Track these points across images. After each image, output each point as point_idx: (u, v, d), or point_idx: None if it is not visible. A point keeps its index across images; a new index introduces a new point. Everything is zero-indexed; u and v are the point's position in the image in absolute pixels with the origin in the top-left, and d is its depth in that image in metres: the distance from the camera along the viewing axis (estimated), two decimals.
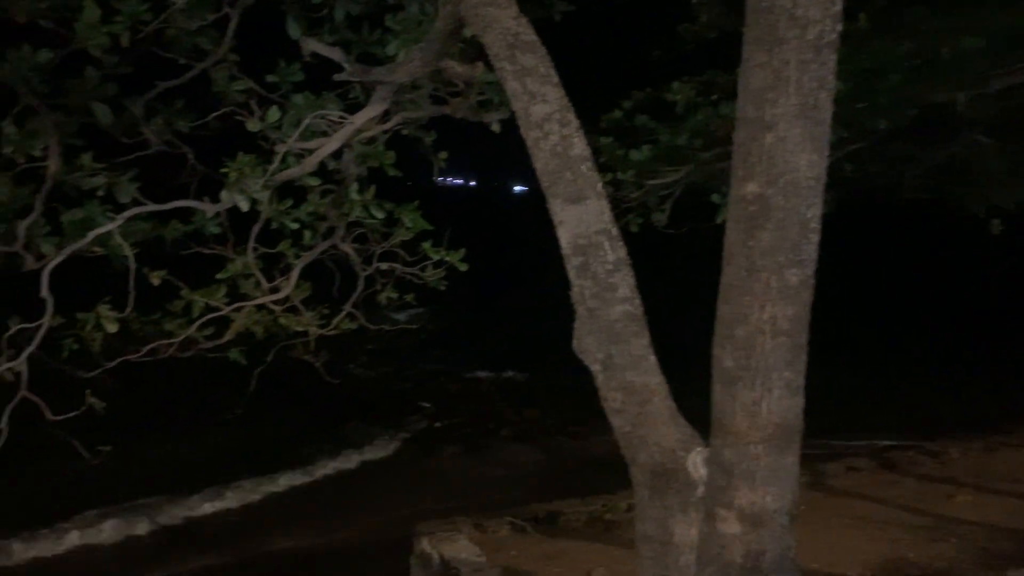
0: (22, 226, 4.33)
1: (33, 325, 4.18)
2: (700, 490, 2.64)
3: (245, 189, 4.01)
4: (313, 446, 12.06)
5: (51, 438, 4.40)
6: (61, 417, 4.19)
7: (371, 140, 5.03)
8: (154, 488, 10.51)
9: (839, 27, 2.23)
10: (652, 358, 2.82)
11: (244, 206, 4.09)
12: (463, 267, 5.59)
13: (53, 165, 4.38)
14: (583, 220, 2.80)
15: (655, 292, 3.49)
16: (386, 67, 3.92)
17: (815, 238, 2.31)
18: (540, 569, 6.73)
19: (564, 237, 2.82)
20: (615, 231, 2.85)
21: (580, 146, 2.90)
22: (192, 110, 4.88)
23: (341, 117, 4.36)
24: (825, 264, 2.42)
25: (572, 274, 2.81)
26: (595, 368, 2.81)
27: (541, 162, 2.87)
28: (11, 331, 4.23)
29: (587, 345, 2.79)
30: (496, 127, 4.79)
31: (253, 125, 4.33)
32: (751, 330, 2.33)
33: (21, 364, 4.18)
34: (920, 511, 7.55)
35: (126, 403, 4.87)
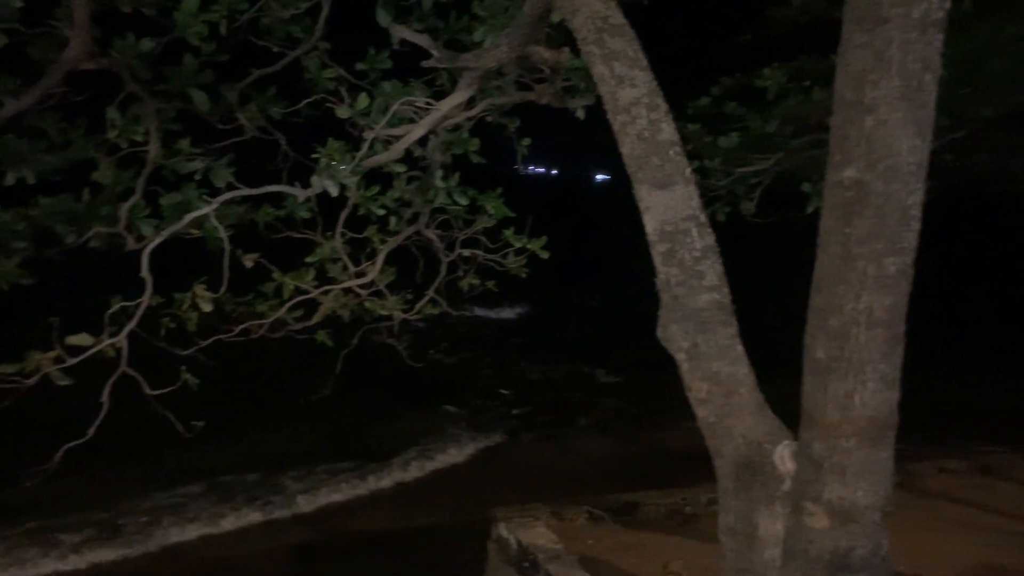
0: (124, 208, 4.52)
1: (133, 304, 4.37)
2: (787, 484, 2.57)
3: (334, 175, 4.09)
4: (394, 429, 12.27)
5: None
6: (158, 392, 4.36)
7: (456, 127, 5.08)
8: (246, 466, 10.91)
9: (947, 5, 2.13)
10: (739, 347, 2.76)
11: (333, 191, 4.17)
12: (544, 255, 5.59)
13: (153, 150, 4.55)
14: (670, 206, 2.75)
15: (742, 282, 3.41)
16: (473, 53, 3.93)
17: (916, 226, 2.21)
18: (617, 559, 6.70)
19: (650, 223, 2.78)
20: (703, 218, 2.79)
21: (668, 131, 2.85)
22: (284, 97, 5.01)
23: (427, 104, 4.40)
24: (926, 256, 2.33)
25: (658, 261, 2.77)
26: (680, 357, 2.77)
27: (628, 147, 2.83)
28: (113, 309, 4.43)
29: (672, 333, 2.75)
30: (581, 113, 4.75)
31: (343, 112, 4.41)
32: (845, 320, 2.25)
33: (122, 341, 4.37)
34: (1017, 517, 7.20)
35: (219, 381, 5.03)
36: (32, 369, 4.25)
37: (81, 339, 4.33)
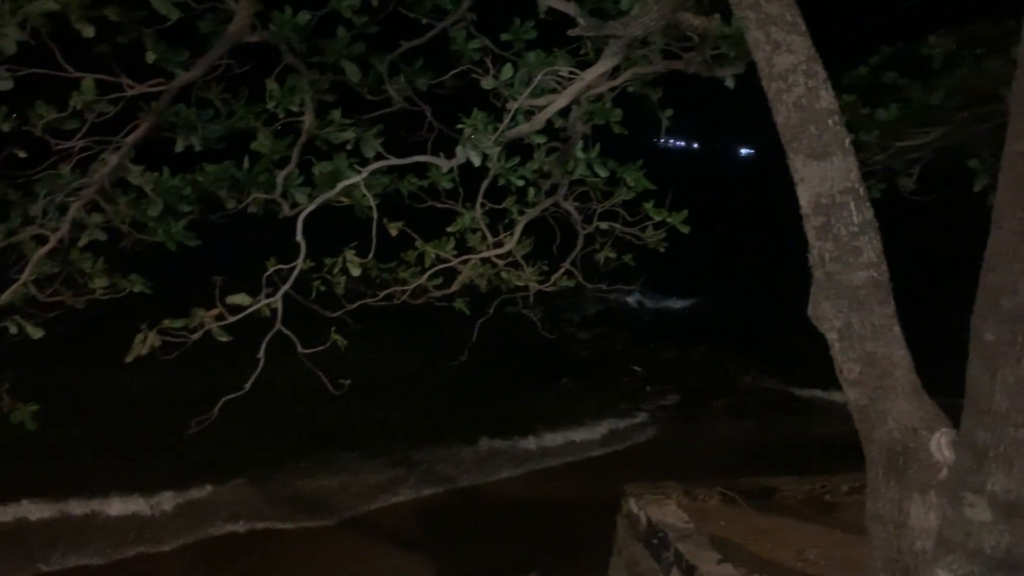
0: (280, 176, 4.75)
1: (288, 267, 4.60)
2: (943, 473, 2.42)
3: (477, 145, 4.14)
4: (526, 399, 12.40)
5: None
6: (310, 351, 4.58)
7: (598, 98, 5.02)
8: (389, 428, 11.36)
9: None
10: (896, 328, 2.61)
11: (476, 161, 4.22)
12: (685, 229, 5.48)
13: (308, 120, 4.75)
14: (827, 178, 2.62)
15: (899, 261, 3.22)
16: (620, 21, 3.86)
17: None
18: (750, 543, 6.54)
19: (804, 196, 2.65)
20: (862, 191, 2.65)
21: (827, 99, 2.71)
22: (431, 69, 5.10)
23: (571, 74, 4.37)
24: None
25: (811, 235, 2.65)
26: (831, 336, 2.65)
27: (783, 116, 2.71)
28: (269, 271, 4.68)
29: (824, 311, 2.63)
30: (730, 82, 4.60)
31: (488, 83, 4.45)
32: (1020, 301, 2.08)
33: (277, 301, 4.62)
34: None
35: (363, 343, 5.24)
36: (196, 325, 4.57)
37: (240, 298, 4.60)
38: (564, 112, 4.81)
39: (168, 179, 4.60)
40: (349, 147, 4.76)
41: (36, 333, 4.49)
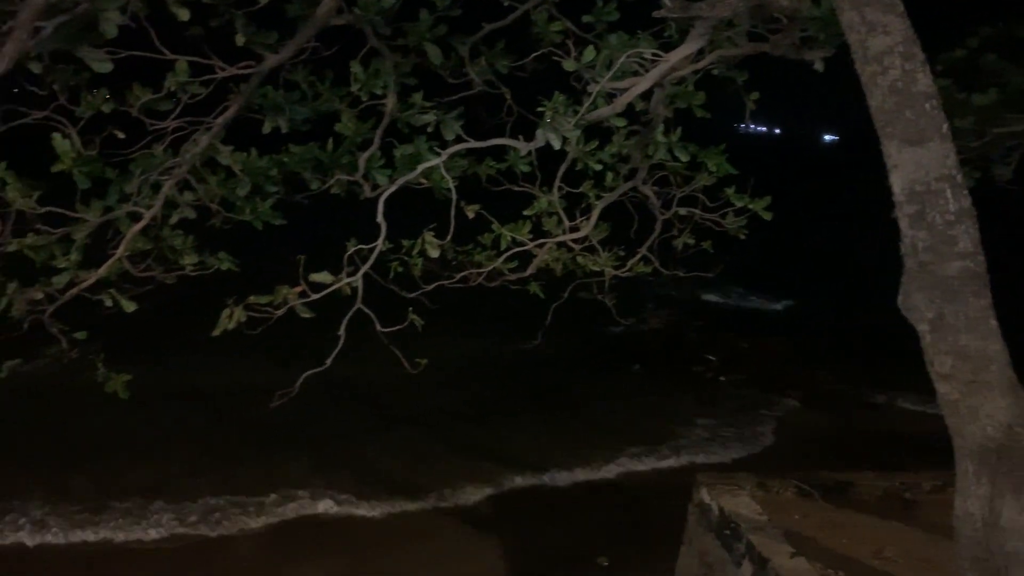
0: (362, 158, 4.83)
1: (368, 247, 4.69)
2: None
3: (557, 128, 4.12)
4: (597, 384, 12.36)
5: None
6: (388, 330, 4.67)
7: (681, 80, 4.94)
8: (464, 410, 11.49)
9: None
10: (992, 322, 2.51)
11: (556, 144, 4.21)
12: (767, 216, 5.36)
13: (390, 103, 4.82)
14: (922, 164, 2.53)
15: (996, 252, 3.08)
16: (707, 2, 3.79)
17: None
18: (825, 538, 6.39)
19: (898, 183, 2.57)
20: (960, 178, 2.54)
21: (925, 82, 2.61)
22: (511, 51, 5.10)
23: (654, 56, 4.31)
24: None
25: (904, 224, 2.56)
26: (922, 328, 2.56)
27: (877, 99, 2.62)
28: (350, 251, 4.77)
29: (915, 302, 2.55)
30: (819, 65, 4.46)
31: (569, 65, 4.42)
32: None
33: (357, 281, 4.71)
34: None
35: (439, 324, 5.29)
36: (280, 302, 4.70)
37: (323, 277, 4.72)
38: (645, 95, 4.75)
39: (256, 160, 4.73)
40: (430, 130, 4.80)
41: (129, 306, 4.68)
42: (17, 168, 4.25)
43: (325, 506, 9.32)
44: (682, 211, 5.57)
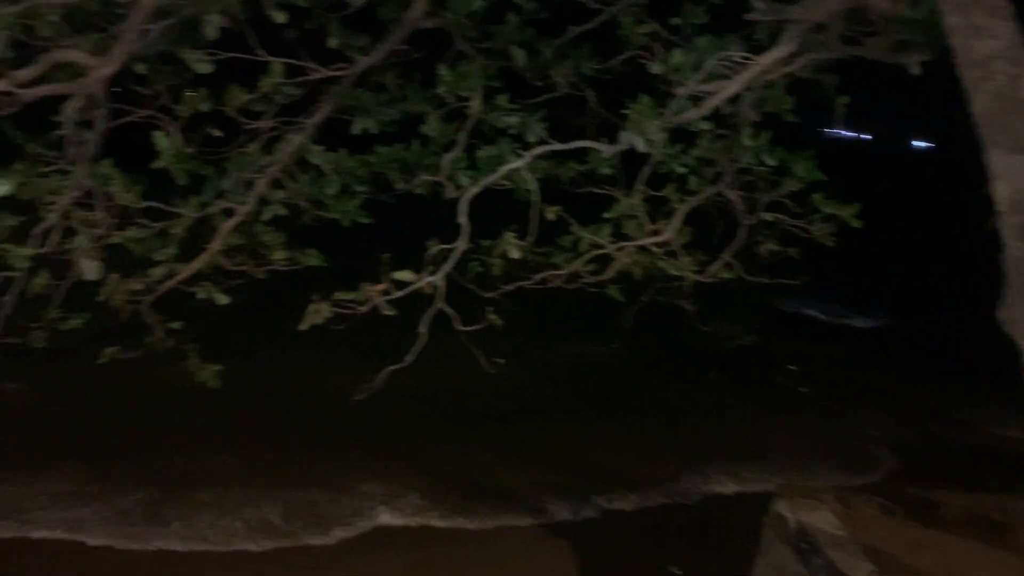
0: (446, 159, 4.90)
1: (450, 247, 4.76)
2: None
3: (643, 131, 4.10)
4: (671, 391, 12.21)
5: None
6: (468, 328, 4.73)
7: (769, 83, 4.85)
8: (530, 407, 11.44)
9: None
10: None
11: (641, 147, 4.19)
12: (856, 223, 5.22)
13: (475, 105, 4.87)
14: None
15: None
16: (801, 5, 3.72)
17: None
18: (907, 556, 6.18)
19: (1003, 192, 2.47)
20: None
21: None
22: (596, 54, 5.10)
23: (744, 59, 4.25)
24: None
25: (1008, 234, 2.46)
26: (1023, 344, 2.46)
27: (981, 105, 2.53)
28: (432, 250, 4.86)
29: (1017, 316, 2.45)
30: (916, 69, 4.31)
31: (656, 67, 4.39)
32: None
33: (439, 280, 4.79)
34: None
35: (517, 324, 5.33)
36: (364, 299, 4.81)
37: (405, 275, 4.81)
38: (733, 98, 4.68)
39: (345, 159, 4.86)
40: (514, 131, 4.83)
41: (222, 299, 4.86)
42: (120, 164, 4.47)
43: (398, 517, 8.91)
44: (767, 216, 5.47)
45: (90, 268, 3.80)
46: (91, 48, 3.46)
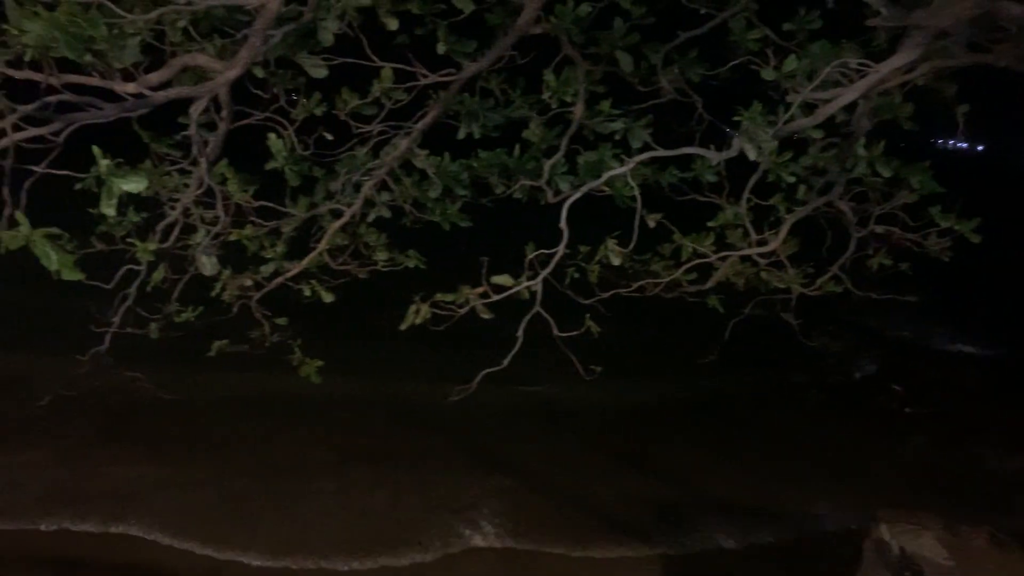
0: (547, 164, 4.90)
1: (550, 252, 4.75)
2: None
3: (755, 138, 4.00)
4: (769, 408, 11.86)
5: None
6: (565, 335, 4.71)
7: (886, 91, 4.67)
8: (622, 415, 11.25)
9: None
10: None
11: (753, 155, 4.09)
12: (975, 239, 4.98)
13: (578, 110, 4.86)
14: None
15: None
16: (927, 10, 3.55)
17: None
18: None
19: None
20: None
21: None
22: (704, 59, 5.01)
23: (861, 66, 4.09)
24: None
25: None
26: None
27: None
28: (531, 255, 4.86)
29: None
30: None
31: (768, 74, 4.29)
32: None
33: (537, 284, 4.79)
34: None
35: (615, 332, 5.28)
36: (462, 301, 4.86)
37: (504, 279, 4.83)
38: (847, 106, 4.53)
39: (448, 163, 4.92)
40: (617, 137, 4.80)
41: (328, 297, 5.00)
42: (234, 165, 4.65)
43: (491, 538, 8.31)
44: (879, 229, 5.26)
45: (208, 264, 3.95)
46: (215, 53, 3.61)
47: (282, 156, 4.45)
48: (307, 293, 5.14)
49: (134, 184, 2.51)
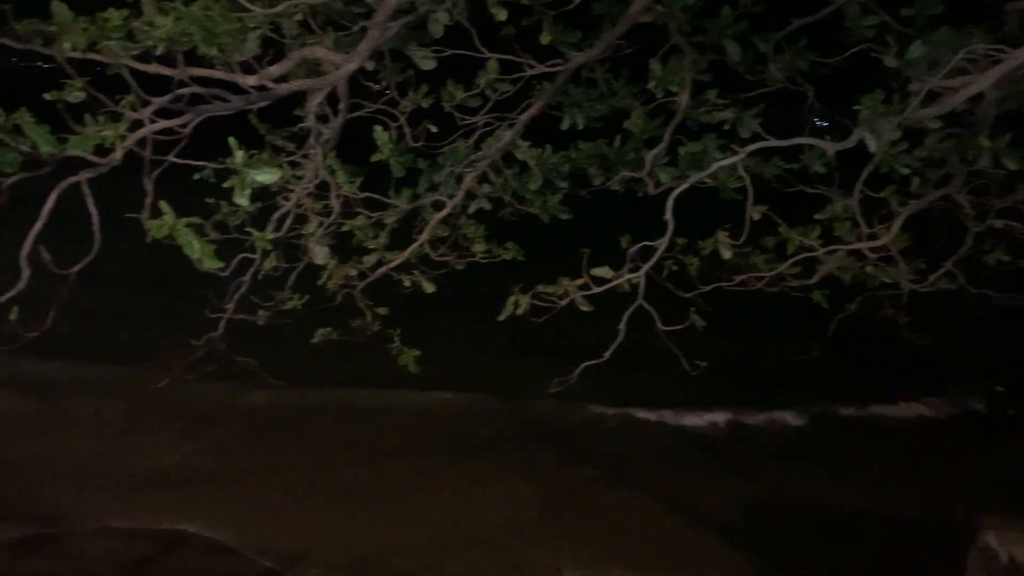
0: (650, 155, 4.82)
1: (654, 244, 4.68)
2: None
3: (876, 128, 3.85)
4: (874, 407, 11.43)
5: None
6: (669, 328, 4.64)
7: (1015, 79, 4.43)
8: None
9: None
10: None
11: (873, 147, 3.94)
12: None
13: (683, 100, 4.76)
14: None
15: None
16: None
17: None
18: None
19: None
20: None
21: None
22: (814, 47, 4.85)
23: (990, 53, 3.89)
24: None
25: None
26: None
27: None
28: (633, 248, 4.80)
29: None
30: None
31: (891, 61, 4.11)
32: None
33: (639, 277, 4.73)
34: None
35: (716, 326, 5.17)
36: (562, 293, 4.84)
37: (604, 272, 4.79)
38: (974, 95, 4.32)
39: (550, 155, 4.89)
40: (727, 127, 4.70)
41: (429, 287, 5.04)
42: (339, 156, 4.71)
43: None
44: (998, 224, 5.03)
45: (320, 253, 4.02)
46: (331, 45, 3.65)
47: (388, 148, 4.48)
48: (407, 283, 5.19)
49: (267, 176, 2.56)
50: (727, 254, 4.60)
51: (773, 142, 4.38)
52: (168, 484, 8.01)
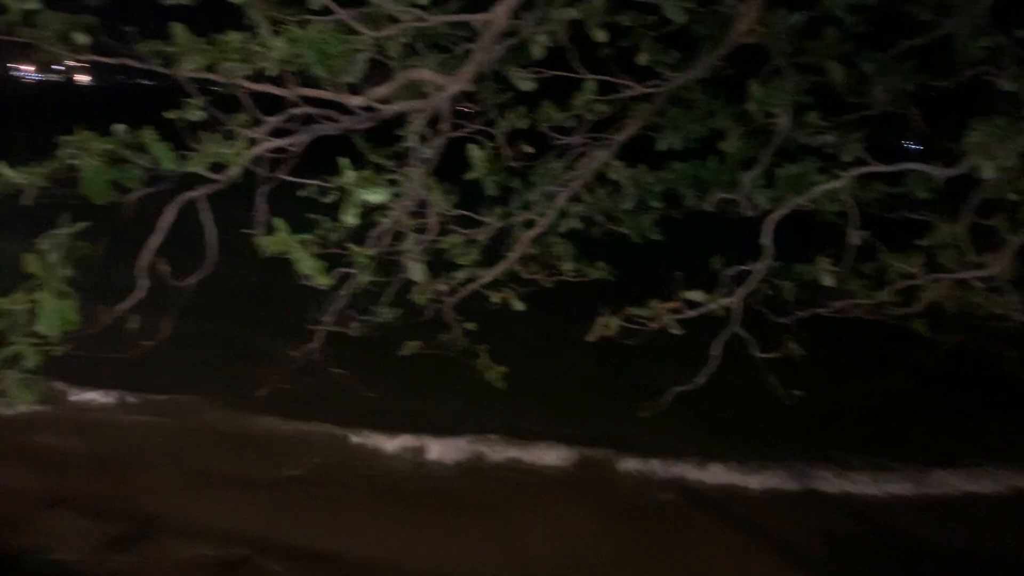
0: (747, 177, 4.73)
1: (750, 268, 4.59)
2: None
3: (993, 155, 3.70)
4: (965, 440, 10.93)
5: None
6: (766, 356, 4.54)
7: None
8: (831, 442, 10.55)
9: None
10: None
11: (988, 173, 3.78)
12: None
13: (783, 122, 4.66)
14: None
15: None
16: None
17: None
18: None
19: None
20: None
21: None
22: (922, 69, 4.69)
23: None
24: None
25: None
26: None
27: None
28: (729, 271, 4.72)
29: None
30: None
31: (1008, 84, 3.95)
32: None
33: (734, 303, 4.65)
34: None
35: (813, 354, 5.02)
36: (653, 316, 4.78)
37: (697, 295, 4.72)
38: None
39: (644, 175, 4.86)
40: (829, 151, 4.58)
41: (519, 305, 5.05)
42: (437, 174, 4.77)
43: None
44: None
45: (417, 270, 4.08)
46: (435, 67, 3.71)
47: (482, 167, 4.52)
48: (496, 300, 5.21)
49: (376, 195, 2.61)
50: (828, 281, 4.47)
51: (879, 167, 4.25)
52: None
